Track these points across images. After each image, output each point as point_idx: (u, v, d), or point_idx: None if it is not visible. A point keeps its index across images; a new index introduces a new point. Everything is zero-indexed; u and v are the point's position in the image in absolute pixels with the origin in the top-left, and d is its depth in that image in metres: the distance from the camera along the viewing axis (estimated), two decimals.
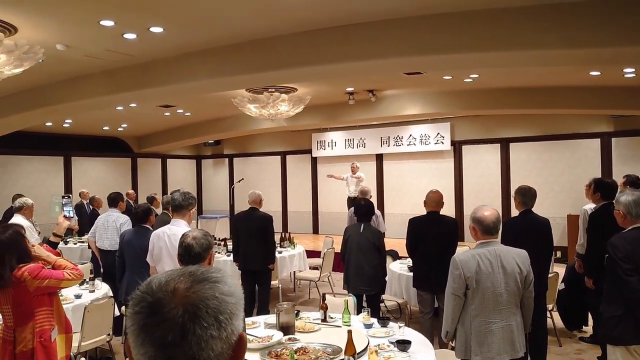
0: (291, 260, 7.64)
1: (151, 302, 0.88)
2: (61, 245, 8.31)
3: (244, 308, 0.95)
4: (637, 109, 8.93)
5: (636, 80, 7.77)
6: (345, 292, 5.33)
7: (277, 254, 6.96)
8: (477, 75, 8.03)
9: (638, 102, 8.53)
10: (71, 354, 3.64)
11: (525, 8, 4.85)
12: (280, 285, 7.20)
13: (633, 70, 7.16)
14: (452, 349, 3.35)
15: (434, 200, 5.07)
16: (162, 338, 0.85)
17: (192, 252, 2.52)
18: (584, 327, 5.94)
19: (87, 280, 5.28)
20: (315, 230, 13.94)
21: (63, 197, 3.57)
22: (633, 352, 3.12)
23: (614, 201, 3.53)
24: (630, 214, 3.23)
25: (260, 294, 6.23)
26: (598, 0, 4.62)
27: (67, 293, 4.83)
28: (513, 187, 5.27)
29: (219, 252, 7.38)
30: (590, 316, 5.69)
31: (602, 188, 4.93)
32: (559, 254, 9.66)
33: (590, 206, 5.36)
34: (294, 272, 8.05)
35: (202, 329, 0.86)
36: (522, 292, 3.12)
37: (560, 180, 10.67)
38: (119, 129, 13.12)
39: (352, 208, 6.40)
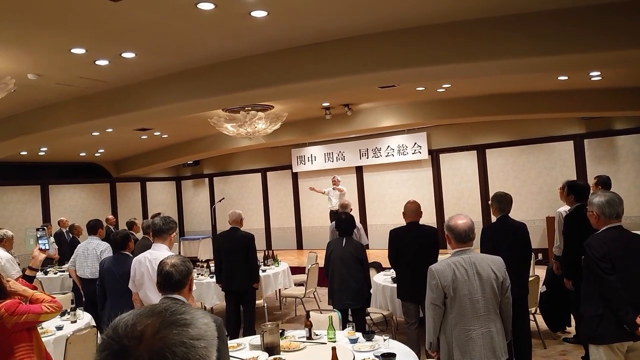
0: (276, 278, 7.60)
1: (117, 349, 0.85)
2: (41, 275, 8.17)
3: (224, 332, 0.95)
4: (605, 111, 9.17)
5: (602, 82, 7.98)
6: (331, 307, 5.32)
7: (261, 273, 6.93)
8: (449, 85, 8.17)
9: (606, 104, 8.76)
10: None
11: (492, 19, 4.98)
12: (265, 304, 7.15)
13: (599, 73, 7.35)
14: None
15: (413, 210, 5.12)
16: None
17: (171, 281, 2.50)
18: (567, 328, 6.02)
19: (69, 310, 5.19)
20: (300, 246, 13.91)
21: (38, 229, 3.52)
22: (616, 350, 3.16)
23: (587, 202, 3.59)
24: (604, 215, 3.27)
25: (245, 315, 6.18)
26: (561, 10, 4.76)
27: (48, 325, 4.74)
28: (492, 193, 5.35)
29: (202, 275, 7.32)
30: (572, 317, 5.77)
31: (574, 190, 5.04)
32: (540, 256, 9.80)
33: (564, 208, 5.46)
34: (279, 290, 8.02)
35: None
36: (500, 299, 3.17)
37: (537, 183, 10.85)
38: (96, 155, 13.00)
39: (334, 222, 6.42)
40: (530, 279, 5.13)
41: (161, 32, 4.91)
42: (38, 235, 3.45)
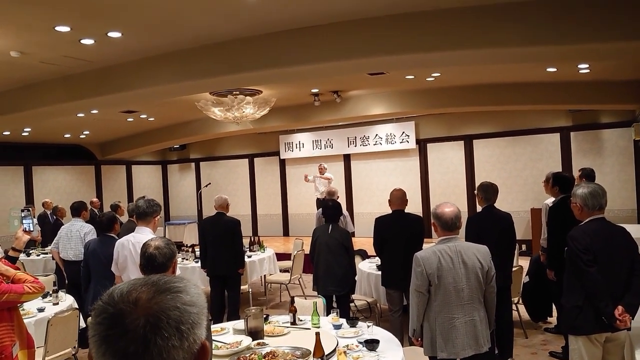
0: (261, 264, 7.60)
1: (113, 313, 0.88)
2: (24, 257, 8.08)
3: (207, 316, 0.96)
4: (592, 104, 9.23)
5: (590, 75, 8.02)
6: (316, 293, 5.33)
7: (246, 258, 6.92)
8: (438, 74, 8.16)
9: (593, 97, 8.82)
10: None
11: (484, 7, 4.96)
12: (250, 290, 7.15)
13: (587, 66, 7.38)
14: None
15: (398, 197, 5.12)
16: (124, 349, 0.86)
17: (155, 263, 2.48)
18: (549, 318, 6.10)
19: (51, 292, 5.15)
20: (286, 233, 13.91)
21: (22, 210, 3.46)
22: (594, 341, 3.21)
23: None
24: (587, 206, 3.29)
25: (230, 299, 6.18)
26: (550, 0, 4.76)
27: (30, 307, 4.70)
28: (478, 183, 5.37)
29: (187, 259, 7.29)
30: (554, 307, 5.84)
31: (559, 182, 5.07)
32: (523, 247, 9.90)
33: (551, 200, 5.50)
34: (264, 275, 8.02)
35: (164, 339, 0.86)
36: (484, 287, 3.18)
37: (523, 174, 10.93)
38: (81, 136, 12.82)
39: (321, 209, 6.41)
40: (513, 269, 5.17)
41: (149, 11, 4.82)
42: (22, 216, 3.39)
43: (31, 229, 3.37)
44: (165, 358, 0.87)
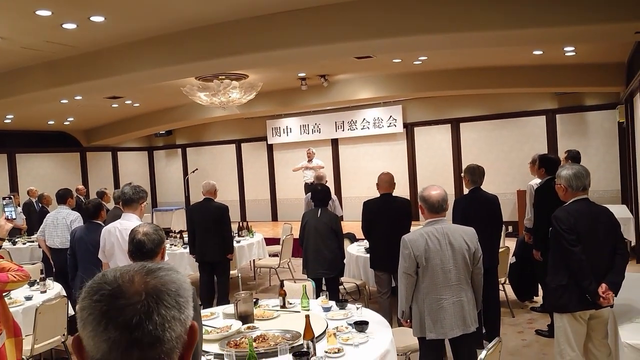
0: (250, 249, 7.61)
1: (111, 289, 0.88)
2: (9, 245, 8.01)
3: (197, 301, 0.96)
4: (578, 86, 9.28)
5: (576, 58, 8.05)
6: (305, 276, 5.36)
7: (235, 244, 6.92)
8: (425, 58, 8.14)
9: (578, 80, 8.87)
10: (23, 357, 3.53)
11: None
12: (239, 275, 7.17)
13: (573, 49, 7.41)
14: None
15: (386, 181, 5.14)
16: (127, 320, 0.85)
17: (144, 249, 2.46)
18: (534, 297, 6.20)
19: (38, 280, 5.12)
20: (275, 218, 13.91)
21: (4, 198, 3.42)
22: (579, 318, 3.28)
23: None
24: (571, 187, 3.34)
25: (219, 285, 6.19)
26: None
27: (17, 295, 4.68)
28: (465, 166, 5.41)
29: (175, 245, 7.28)
30: (540, 287, 5.94)
31: (546, 163, 5.12)
32: (510, 228, 10.01)
33: (535, 181, 5.56)
34: (254, 260, 8.03)
35: (166, 309, 0.87)
36: (471, 269, 3.22)
37: (509, 157, 11.00)
38: (66, 123, 12.65)
39: (309, 194, 6.42)
40: (500, 250, 5.23)
41: None
42: (4, 204, 3.35)
43: (14, 217, 3.33)
44: (167, 328, 0.87)
